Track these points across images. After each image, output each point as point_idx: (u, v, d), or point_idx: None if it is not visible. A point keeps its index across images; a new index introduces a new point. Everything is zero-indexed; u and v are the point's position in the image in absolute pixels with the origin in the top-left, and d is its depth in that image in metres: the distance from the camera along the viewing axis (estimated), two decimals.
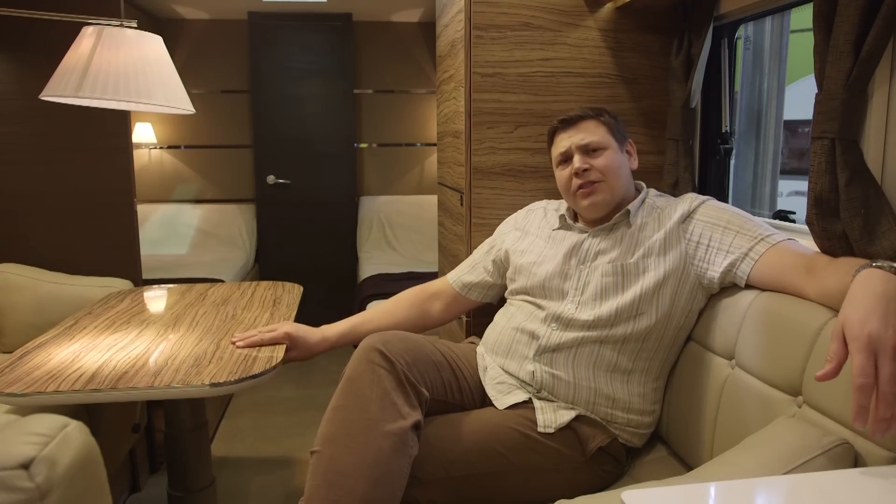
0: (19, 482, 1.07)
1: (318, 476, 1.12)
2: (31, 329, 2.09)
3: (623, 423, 1.36)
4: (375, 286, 3.30)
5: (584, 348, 1.35)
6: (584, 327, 1.35)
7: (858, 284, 0.95)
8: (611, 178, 1.42)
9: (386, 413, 1.16)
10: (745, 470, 0.91)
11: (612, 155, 1.44)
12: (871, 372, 0.84)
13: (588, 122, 1.46)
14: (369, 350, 1.22)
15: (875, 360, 0.85)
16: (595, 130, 1.45)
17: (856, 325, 0.88)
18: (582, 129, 1.45)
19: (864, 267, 0.98)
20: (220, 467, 2.47)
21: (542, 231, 1.54)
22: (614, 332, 1.34)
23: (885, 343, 0.86)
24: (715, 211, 1.36)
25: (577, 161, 1.43)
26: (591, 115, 1.46)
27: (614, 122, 1.48)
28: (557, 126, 1.50)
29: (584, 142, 1.44)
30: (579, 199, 1.44)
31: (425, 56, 4.34)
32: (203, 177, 4.35)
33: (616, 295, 1.35)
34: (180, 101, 1.66)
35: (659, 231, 1.38)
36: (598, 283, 1.37)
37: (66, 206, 2.33)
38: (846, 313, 0.91)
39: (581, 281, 1.39)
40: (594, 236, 1.44)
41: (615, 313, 1.33)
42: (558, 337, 1.36)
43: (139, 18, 2.11)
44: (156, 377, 1.29)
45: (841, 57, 1.10)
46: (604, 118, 1.47)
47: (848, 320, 0.89)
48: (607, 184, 1.42)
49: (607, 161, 1.43)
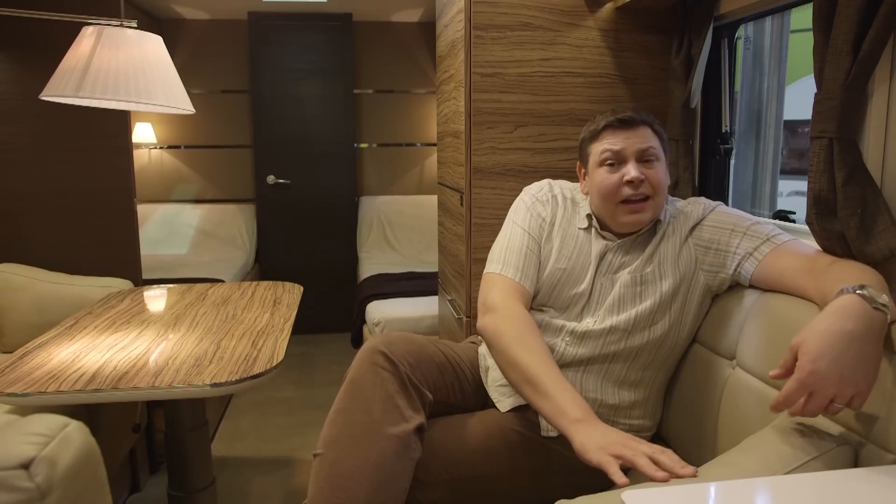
0: (19, 482, 1.07)
1: (321, 479, 1.12)
2: (31, 329, 2.09)
3: (624, 430, 1.35)
4: (375, 286, 3.29)
5: (594, 365, 1.33)
6: (600, 339, 1.31)
7: (831, 310, 0.93)
8: (659, 196, 1.33)
9: (389, 416, 1.15)
10: (745, 470, 0.91)
11: (663, 169, 1.35)
12: (795, 401, 0.90)
13: (646, 128, 1.34)
14: (373, 352, 1.21)
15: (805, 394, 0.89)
16: (652, 138, 1.34)
17: (808, 356, 0.88)
18: (640, 133, 1.33)
19: (847, 290, 0.95)
20: (220, 467, 2.47)
21: (569, 227, 1.41)
22: (629, 344, 1.31)
23: (824, 387, 0.88)
24: (723, 216, 1.35)
25: (634, 169, 1.30)
26: (647, 122, 1.35)
27: (664, 133, 1.39)
28: (611, 123, 1.34)
29: (644, 146, 1.31)
30: (622, 212, 1.32)
31: (425, 56, 4.34)
32: (203, 177, 4.35)
33: (634, 305, 1.32)
34: (180, 101, 1.66)
35: (673, 238, 1.36)
36: (616, 294, 1.33)
37: (66, 206, 2.33)
38: (806, 337, 0.91)
39: (601, 294, 1.35)
40: (619, 248, 1.37)
41: (632, 323, 1.31)
42: (573, 352, 1.33)
43: (139, 18, 2.11)
44: (157, 377, 1.29)
45: (840, 57, 1.10)
46: (657, 128, 1.37)
47: (803, 347, 0.90)
48: (655, 201, 1.32)
49: (660, 176, 1.32)
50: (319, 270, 4.27)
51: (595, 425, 1.09)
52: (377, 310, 3.00)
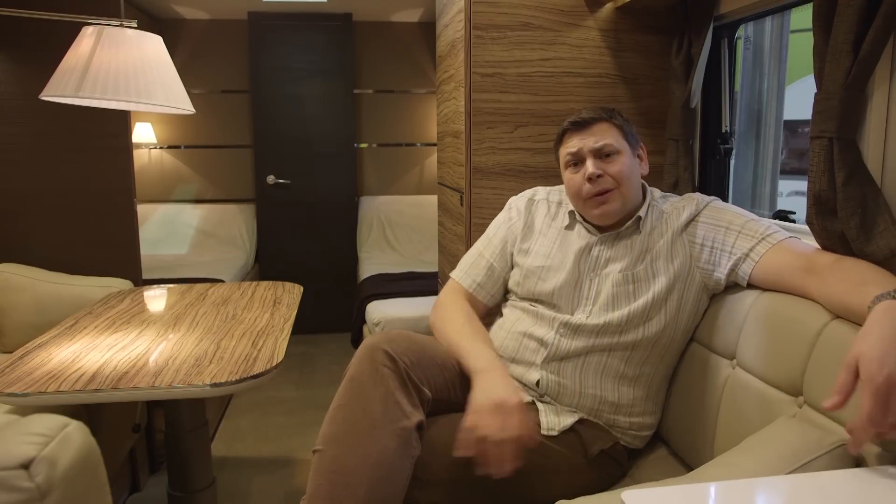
0: (19, 482, 1.07)
1: (321, 475, 1.12)
2: (31, 329, 2.09)
3: (625, 427, 1.36)
4: (375, 286, 3.29)
5: (592, 357, 1.34)
6: (594, 334, 1.33)
7: (877, 318, 0.91)
8: (624, 186, 1.37)
9: (389, 413, 1.15)
10: (745, 470, 0.90)
11: (626, 160, 1.38)
12: (881, 420, 0.82)
13: (601, 124, 1.39)
14: (373, 349, 1.21)
15: (887, 406, 0.82)
16: (608, 133, 1.39)
17: (873, 365, 0.84)
18: (595, 131, 1.39)
19: (884, 297, 0.94)
20: (220, 467, 2.47)
21: (549, 229, 1.49)
22: (624, 339, 1.33)
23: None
24: (718, 212, 1.36)
25: (591, 166, 1.36)
26: (604, 117, 1.40)
27: (627, 124, 1.43)
28: (568, 127, 1.43)
29: (597, 145, 1.37)
30: (590, 207, 1.39)
31: (425, 56, 4.34)
32: (203, 177, 4.35)
33: (628, 303, 1.33)
34: (180, 101, 1.66)
35: (666, 235, 1.37)
36: (609, 293, 1.35)
37: (66, 206, 2.33)
38: (862, 349, 0.87)
39: (592, 290, 1.38)
40: (603, 242, 1.41)
41: (626, 320, 1.32)
42: (567, 345, 1.34)
43: (139, 18, 2.11)
44: (157, 377, 1.29)
45: (840, 57, 1.10)
46: (616, 120, 1.41)
47: (864, 357, 0.86)
48: (620, 192, 1.37)
49: (621, 167, 1.37)
50: (319, 270, 4.27)
51: (495, 376, 1.24)
52: (377, 310, 3.00)
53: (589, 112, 1.41)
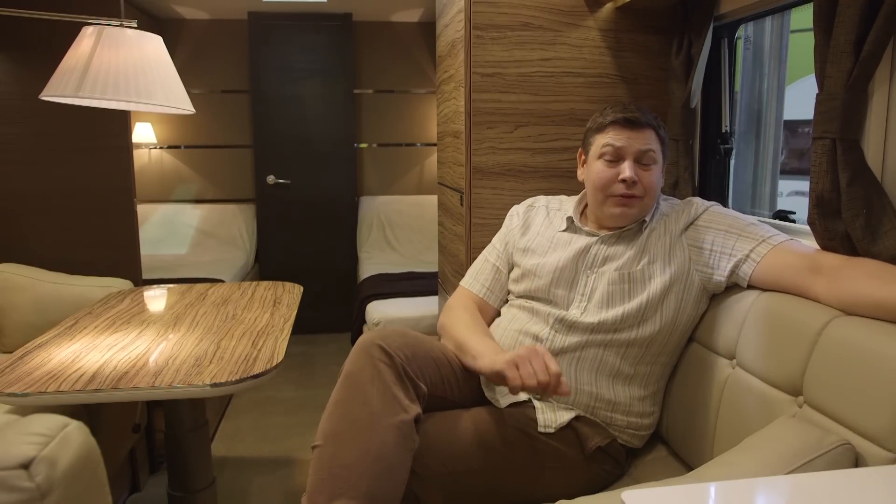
0: (19, 482, 1.07)
1: (321, 470, 1.12)
2: (31, 329, 2.09)
3: (623, 426, 1.36)
4: (375, 286, 3.29)
5: (587, 352, 1.34)
6: (588, 331, 1.34)
7: None
8: (649, 197, 1.39)
9: (388, 407, 1.15)
10: (745, 470, 0.91)
11: (658, 172, 1.40)
12: None
13: (650, 131, 1.39)
14: (369, 345, 1.22)
15: None
16: (654, 142, 1.39)
17: None
18: (644, 136, 1.38)
19: None
20: (220, 467, 2.47)
21: (545, 231, 1.52)
22: (618, 337, 1.33)
23: None
24: (717, 216, 1.36)
25: (628, 169, 1.35)
26: (652, 125, 1.39)
27: (666, 139, 1.44)
28: (618, 120, 1.38)
29: (644, 148, 1.37)
30: (611, 204, 1.39)
31: (425, 56, 4.34)
32: (203, 177, 4.35)
33: (623, 302, 1.34)
34: (180, 101, 1.66)
35: (665, 237, 1.38)
36: (604, 290, 1.36)
37: (66, 206, 2.33)
38: None
39: (588, 287, 1.38)
40: (602, 242, 1.42)
41: (620, 319, 1.33)
42: (562, 340, 1.35)
43: (139, 18, 2.11)
44: (157, 377, 1.29)
45: (841, 57, 1.10)
46: (661, 133, 1.41)
47: None
48: (644, 201, 1.38)
49: (654, 179, 1.38)
50: (319, 270, 4.27)
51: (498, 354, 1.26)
52: (377, 310, 3.00)
53: (640, 112, 1.39)
